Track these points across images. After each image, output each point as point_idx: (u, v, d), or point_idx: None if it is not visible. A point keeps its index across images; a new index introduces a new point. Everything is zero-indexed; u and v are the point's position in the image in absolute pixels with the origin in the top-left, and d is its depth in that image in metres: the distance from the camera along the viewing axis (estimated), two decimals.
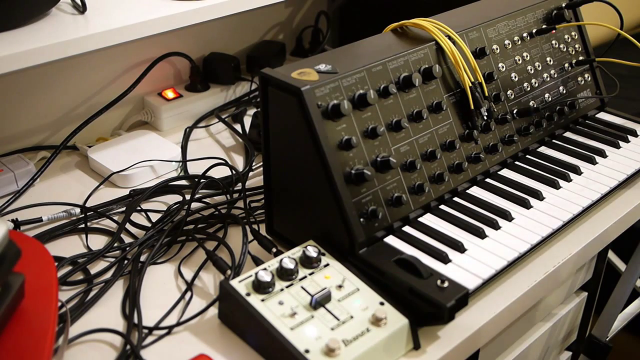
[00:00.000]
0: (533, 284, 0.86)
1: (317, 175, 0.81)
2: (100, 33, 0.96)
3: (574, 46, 1.13)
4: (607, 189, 0.97)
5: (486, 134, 0.97)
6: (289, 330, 0.72)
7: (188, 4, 1.06)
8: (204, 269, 0.89)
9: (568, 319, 1.12)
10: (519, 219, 0.89)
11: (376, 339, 0.73)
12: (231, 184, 1.04)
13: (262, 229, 0.94)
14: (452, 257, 0.82)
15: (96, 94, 1.17)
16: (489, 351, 0.94)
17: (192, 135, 1.21)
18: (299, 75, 0.82)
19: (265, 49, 1.39)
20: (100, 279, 0.87)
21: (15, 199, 1.02)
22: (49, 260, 0.78)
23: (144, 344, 0.77)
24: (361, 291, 0.78)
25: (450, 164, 0.92)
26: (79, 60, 1.12)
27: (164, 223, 0.95)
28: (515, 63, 1.03)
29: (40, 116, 1.13)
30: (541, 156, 1.03)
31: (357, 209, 0.81)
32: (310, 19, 1.49)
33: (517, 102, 1.03)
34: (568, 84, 1.11)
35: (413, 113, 0.89)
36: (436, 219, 0.89)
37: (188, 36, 1.26)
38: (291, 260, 0.79)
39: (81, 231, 0.96)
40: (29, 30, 0.94)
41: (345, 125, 0.82)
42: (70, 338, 0.77)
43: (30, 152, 1.12)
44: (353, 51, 0.92)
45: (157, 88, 1.25)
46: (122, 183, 1.06)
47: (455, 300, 0.75)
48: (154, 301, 0.84)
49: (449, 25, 0.96)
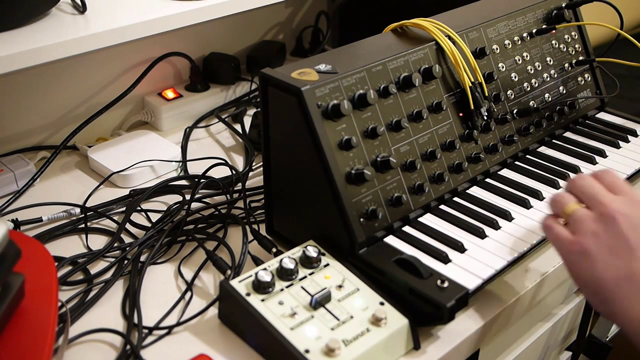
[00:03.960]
0: (533, 284, 0.86)
1: (317, 175, 0.81)
2: (100, 33, 0.96)
3: (574, 46, 1.13)
4: None
5: (486, 134, 0.98)
6: (289, 330, 0.72)
7: (188, 4, 1.06)
8: (204, 269, 0.89)
9: (568, 319, 1.11)
10: (519, 219, 0.89)
11: (376, 339, 0.73)
12: (231, 184, 1.04)
13: (262, 229, 0.94)
14: (452, 257, 0.82)
15: (96, 94, 1.17)
16: (489, 351, 0.94)
17: (192, 135, 1.21)
18: (299, 75, 0.82)
19: (265, 49, 1.39)
20: (100, 279, 0.87)
21: (15, 199, 1.02)
22: (49, 260, 0.78)
23: (144, 344, 0.77)
24: (361, 291, 0.78)
25: (450, 164, 0.92)
26: (79, 60, 1.12)
27: (164, 223, 0.95)
28: (515, 63, 1.03)
29: (40, 116, 1.13)
30: (541, 156, 1.03)
31: (357, 209, 0.81)
32: (310, 19, 1.49)
33: (517, 102, 1.03)
34: (568, 84, 1.11)
35: (413, 113, 0.89)
36: (436, 219, 0.89)
37: (188, 36, 1.26)
38: (291, 260, 0.79)
39: (81, 231, 0.96)
40: (29, 30, 0.94)
41: (345, 125, 0.82)
42: (70, 338, 0.77)
43: (30, 152, 1.12)
44: (353, 51, 0.92)
45: (157, 88, 1.25)
46: (122, 183, 1.06)
47: (455, 300, 0.75)
48: (154, 301, 0.84)
49: (449, 25, 0.96)
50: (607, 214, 0.73)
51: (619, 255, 0.71)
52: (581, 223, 0.74)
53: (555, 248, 0.77)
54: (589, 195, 0.76)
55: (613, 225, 0.72)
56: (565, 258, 0.75)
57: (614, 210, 0.73)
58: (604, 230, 0.72)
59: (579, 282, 0.74)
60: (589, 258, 0.72)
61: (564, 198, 0.77)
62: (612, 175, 0.78)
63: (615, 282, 0.71)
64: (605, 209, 0.73)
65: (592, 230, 0.73)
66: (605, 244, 0.72)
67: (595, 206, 0.74)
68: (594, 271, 0.71)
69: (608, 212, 0.73)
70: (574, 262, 0.74)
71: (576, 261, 0.73)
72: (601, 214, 0.73)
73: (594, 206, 0.74)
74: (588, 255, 0.72)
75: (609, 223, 0.72)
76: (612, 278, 0.71)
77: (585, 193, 0.76)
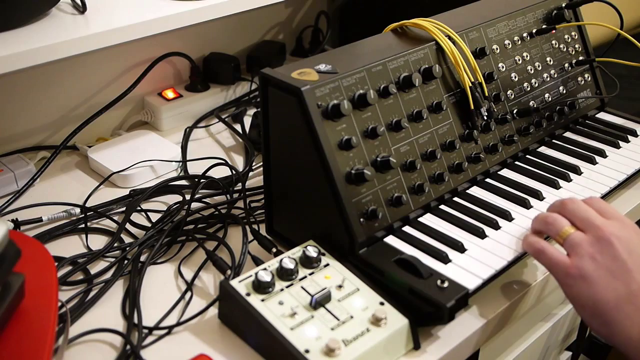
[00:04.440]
0: (533, 284, 0.86)
1: (317, 175, 0.81)
2: (100, 33, 0.96)
3: (574, 46, 1.13)
4: (607, 189, 0.97)
5: (486, 134, 0.97)
6: (289, 330, 0.72)
7: (188, 4, 1.06)
8: (204, 269, 0.89)
9: (568, 319, 1.12)
10: (519, 219, 0.89)
11: (376, 339, 0.73)
12: (231, 184, 1.04)
13: (262, 229, 0.94)
14: (452, 257, 0.82)
15: (96, 94, 1.17)
16: (489, 351, 0.94)
17: (192, 135, 1.21)
18: (299, 75, 0.82)
19: (265, 49, 1.39)
20: (100, 279, 0.87)
21: (15, 199, 1.02)
22: (49, 260, 0.78)
23: (144, 344, 0.77)
24: (361, 291, 0.78)
25: (450, 164, 0.92)
26: (79, 60, 1.12)
27: (164, 223, 0.95)
28: (515, 63, 1.03)
29: (40, 116, 1.13)
30: (541, 156, 1.03)
31: (357, 209, 0.81)
32: (310, 19, 1.49)
33: (517, 102, 1.03)
34: (568, 84, 1.11)
35: (413, 113, 0.89)
36: (436, 219, 0.89)
37: (188, 36, 1.26)
38: (291, 260, 0.79)
39: (81, 231, 0.96)
40: (29, 30, 0.94)
41: (345, 125, 0.82)
42: (70, 338, 0.77)
43: (30, 152, 1.11)
44: (353, 51, 0.92)
45: (157, 88, 1.25)
46: (122, 183, 1.06)
47: (455, 300, 0.75)
48: (154, 301, 0.84)
49: (449, 25, 0.95)
50: (603, 237, 0.74)
51: (618, 277, 0.72)
52: (578, 246, 0.75)
53: (551, 272, 0.78)
54: (582, 218, 0.77)
55: (610, 248, 0.73)
56: (562, 282, 0.76)
57: (610, 233, 0.74)
58: (601, 253, 0.74)
59: (577, 304, 0.75)
60: (588, 281, 0.73)
61: (558, 221, 0.79)
62: (601, 201, 0.80)
63: (615, 303, 0.72)
64: (602, 232, 0.75)
65: (589, 253, 0.74)
66: (604, 267, 0.73)
67: (590, 229, 0.76)
68: (593, 294, 0.73)
69: (604, 236, 0.74)
70: (572, 286, 0.75)
71: (574, 284, 0.74)
72: (597, 237, 0.75)
73: (589, 229, 0.76)
74: (587, 278, 0.73)
75: (606, 246, 0.74)
76: (612, 300, 0.72)
77: (579, 217, 0.78)
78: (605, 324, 0.73)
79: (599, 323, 0.74)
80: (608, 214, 0.78)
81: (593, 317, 0.74)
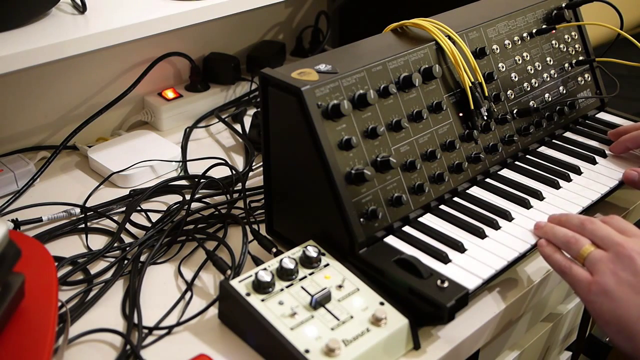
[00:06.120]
0: (533, 283, 0.86)
1: (317, 175, 0.81)
2: (100, 33, 0.96)
3: (574, 46, 1.13)
4: (607, 189, 0.97)
5: (486, 134, 0.97)
6: (289, 330, 0.72)
7: (188, 4, 1.06)
8: (204, 269, 0.89)
9: (568, 319, 1.12)
10: (519, 219, 0.89)
11: (376, 339, 0.73)
12: (231, 184, 1.04)
13: (262, 229, 0.94)
14: (452, 257, 0.82)
15: (96, 94, 1.17)
16: (489, 351, 0.94)
17: (192, 135, 1.21)
18: (299, 75, 0.82)
19: (265, 49, 1.39)
20: (100, 279, 0.87)
21: (15, 199, 1.02)
22: (49, 260, 0.78)
23: (144, 344, 0.77)
24: (361, 291, 0.78)
25: (450, 164, 0.92)
26: (79, 60, 1.12)
27: (164, 223, 0.95)
28: (515, 63, 1.03)
29: (40, 116, 1.13)
30: (541, 156, 1.03)
31: (357, 209, 0.81)
32: (310, 19, 1.49)
33: (517, 102, 1.03)
34: (568, 84, 1.11)
35: (413, 113, 0.89)
36: (436, 219, 0.89)
37: (188, 36, 1.26)
38: (291, 260, 0.79)
39: (81, 231, 0.96)
40: (29, 30, 0.94)
41: (345, 125, 0.82)
42: (70, 338, 0.77)
43: (30, 152, 1.12)
44: (353, 51, 0.92)
45: (157, 88, 1.25)
46: (122, 183, 1.06)
47: (455, 300, 0.75)
48: (154, 301, 0.84)
49: (449, 25, 0.95)
50: (624, 253, 0.75)
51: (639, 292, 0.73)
52: (599, 263, 0.76)
53: (575, 290, 0.79)
54: (602, 237, 0.78)
55: (631, 264, 0.74)
56: (585, 299, 0.77)
57: (631, 249, 0.75)
58: (623, 269, 0.74)
59: (601, 321, 0.76)
60: (610, 297, 0.74)
61: (579, 241, 0.80)
62: (620, 219, 0.81)
63: (639, 318, 0.72)
64: (623, 249, 0.75)
65: (610, 269, 0.75)
66: (626, 282, 0.74)
67: (610, 247, 0.77)
68: (616, 309, 0.74)
69: (625, 252, 0.75)
70: (595, 302, 0.75)
71: (597, 301, 0.75)
72: (618, 254, 0.75)
73: (610, 247, 0.77)
74: (609, 294, 0.74)
75: (627, 262, 0.75)
76: (635, 314, 0.73)
77: (599, 236, 0.79)
78: (629, 339, 0.73)
79: (624, 338, 0.74)
80: (628, 232, 0.79)
81: (618, 333, 0.74)
